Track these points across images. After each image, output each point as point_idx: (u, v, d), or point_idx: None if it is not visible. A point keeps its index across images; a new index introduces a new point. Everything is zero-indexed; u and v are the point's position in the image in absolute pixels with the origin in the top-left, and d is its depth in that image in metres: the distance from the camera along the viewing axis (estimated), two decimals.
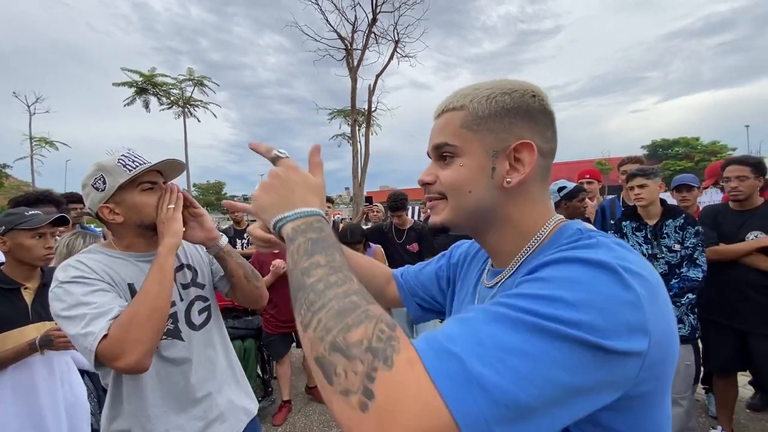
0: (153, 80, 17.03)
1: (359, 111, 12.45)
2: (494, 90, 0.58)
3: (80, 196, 3.45)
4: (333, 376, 0.39)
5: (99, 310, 0.95)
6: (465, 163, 0.58)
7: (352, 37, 8.00)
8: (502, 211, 0.59)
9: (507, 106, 0.57)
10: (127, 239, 1.15)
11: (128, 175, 1.06)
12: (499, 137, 0.57)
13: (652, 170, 2.33)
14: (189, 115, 18.17)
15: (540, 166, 0.58)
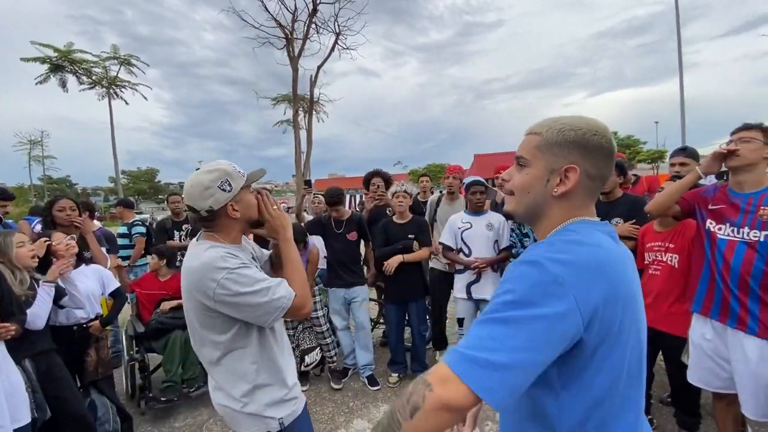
0: (70, 57, 15.36)
1: (301, 96, 12.35)
2: (566, 125, 0.81)
3: (9, 195, 3.26)
4: (404, 414, 0.68)
5: (274, 281, 1.30)
6: (530, 173, 0.84)
7: (293, 26, 7.93)
8: (547, 210, 0.84)
9: (570, 139, 0.80)
10: (234, 233, 1.39)
11: (244, 180, 1.35)
12: (557, 159, 0.81)
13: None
14: (115, 97, 16.66)
15: (585, 185, 0.81)
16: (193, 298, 1.29)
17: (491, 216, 3.15)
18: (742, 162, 1.88)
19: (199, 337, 1.34)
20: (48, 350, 2.14)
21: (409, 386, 0.70)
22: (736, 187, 1.96)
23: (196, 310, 1.30)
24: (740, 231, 1.91)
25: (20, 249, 2.07)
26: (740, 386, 1.90)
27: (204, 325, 1.31)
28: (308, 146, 9.09)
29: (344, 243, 3.45)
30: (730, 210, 1.95)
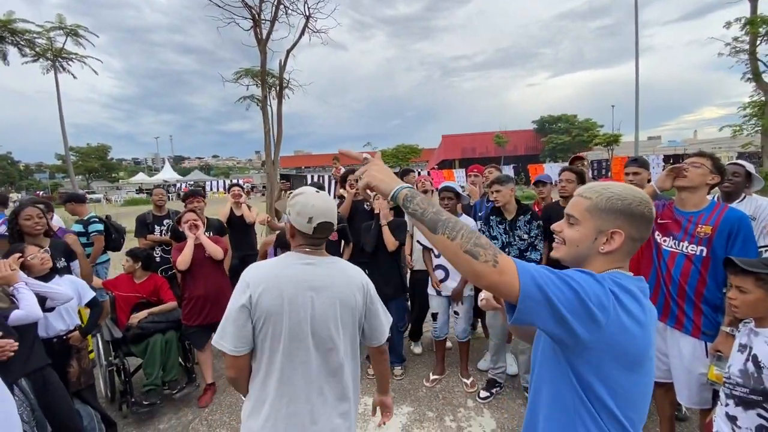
0: (11, 27, 13.77)
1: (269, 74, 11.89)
2: (614, 195, 0.97)
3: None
4: (479, 256, 0.85)
5: None
6: (580, 231, 1.00)
7: (260, 7, 7.60)
8: (591, 261, 1.00)
9: (617, 207, 0.96)
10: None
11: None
12: (605, 223, 0.97)
13: (506, 177, 3.06)
14: (61, 70, 15.28)
15: (627, 246, 0.97)
16: (356, 301, 1.45)
17: (464, 220, 3.32)
18: (689, 183, 2.13)
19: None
20: (43, 366, 2.14)
21: (482, 241, 0.88)
22: (679, 204, 2.22)
23: (356, 318, 1.47)
24: (680, 244, 2.18)
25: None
26: (675, 378, 2.22)
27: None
28: (278, 135, 8.91)
29: (326, 243, 3.53)
30: (674, 225, 2.22)
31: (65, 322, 2.43)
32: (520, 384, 3.27)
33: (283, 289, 1.33)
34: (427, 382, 3.41)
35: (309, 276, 1.37)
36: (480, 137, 41.20)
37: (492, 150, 38.44)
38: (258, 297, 1.31)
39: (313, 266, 1.40)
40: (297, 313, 1.34)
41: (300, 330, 1.34)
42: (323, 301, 1.37)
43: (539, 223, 3.00)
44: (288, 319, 1.32)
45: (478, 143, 40.77)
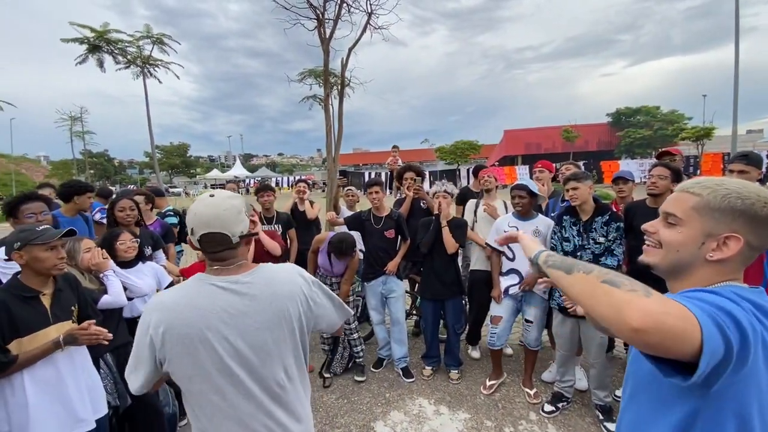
0: (106, 37, 15.74)
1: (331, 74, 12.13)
2: (732, 192, 0.80)
3: (89, 187, 3.45)
4: (621, 285, 0.70)
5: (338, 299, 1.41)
6: (683, 233, 0.84)
7: (324, 7, 7.76)
8: (694, 271, 0.84)
9: (736, 207, 0.78)
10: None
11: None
12: (718, 225, 0.80)
13: (584, 174, 2.74)
14: (149, 75, 17.06)
15: (743, 255, 0.80)
16: (289, 313, 1.22)
17: (540, 221, 3.08)
18: None
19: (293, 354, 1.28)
20: (126, 343, 2.34)
21: (624, 277, 0.73)
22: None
23: (295, 330, 1.25)
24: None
25: (86, 254, 2.24)
26: None
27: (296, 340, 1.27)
28: (339, 133, 9.07)
29: (382, 240, 3.50)
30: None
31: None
32: (590, 401, 2.99)
33: (192, 325, 1.11)
34: (484, 390, 3.24)
35: (222, 305, 1.14)
36: (546, 132, 38.90)
37: (559, 145, 36.11)
38: (161, 340, 1.11)
39: (227, 292, 1.16)
40: (214, 350, 1.12)
41: (223, 367, 1.13)
42: (246, 330, 1.15)
43: (619, 225, 2.68)
44: (207, 357, 1.12)
45: (544, 138, 38.54)
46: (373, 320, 3.66)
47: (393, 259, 3.50)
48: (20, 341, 1.71)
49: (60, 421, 1.77)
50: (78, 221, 3.39)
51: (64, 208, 3.38)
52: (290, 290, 1.24)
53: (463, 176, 17.39)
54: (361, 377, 3.49)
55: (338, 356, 3.57)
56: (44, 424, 1.73)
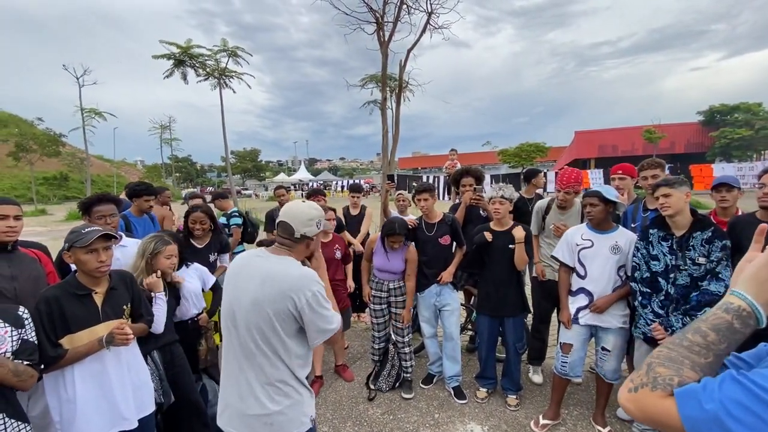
0: (189, 52, 17.34)
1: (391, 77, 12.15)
2: None
3: (151, 190, 3.75)
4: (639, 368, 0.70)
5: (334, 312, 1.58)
6: None
7: (383, 9, 7.72)
8: None
9: None
10: (300, 258, 1.66)
11: (326, 224, 1.69)
12: None
13: (677, 179, 2.27)
14: (225, 86, 18.46)
15: None
16: (282, 301, 1.47)
17: (620, 235, 2.62)
18: None
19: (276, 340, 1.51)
20: (172, 342, 2.39)
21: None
22: None
23: (280, 313, 1.48)
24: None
25: (165, 260, 2.35)
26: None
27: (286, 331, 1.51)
28: (396, 132, 9.01)
29: (436, 247, 3.27)
30: None
31: (196, 306, 2.68)
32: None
33: (236, 275, 1.61)
34: (536, 427, 2.82)
35: (253, 266, 1.58)
36: (623, 132, 35.50)
37: (639, 147, 32.71)
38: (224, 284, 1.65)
39: (260, 259, 1.58)
40: (237, 298, 1.55)
41: (230, 313, 1.57)
42: (251, 290, 1.51)
43: (725, 243, 2.17)
44: (229, 304, 1.59)
45: (621, 139, 35.21)
46: (425, 333, 3.43)
47: (447, 268, 3.26)
48: (71, 337, 1.76)
49: (103, 416, 1.80)
50: (144, 220, 3.61)
51: (132, 208, 3.62)
52: (285, 289, 1.48)
53: None
54: (409, 394, 3.28)
55: (386, 372, 3.38)
56: (89, 418, 1.76)
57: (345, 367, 3.68)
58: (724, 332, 0.67)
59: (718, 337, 0.67)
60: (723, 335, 0.66)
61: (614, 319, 2.59)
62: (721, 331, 0.67)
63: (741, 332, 0.66)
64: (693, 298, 2.18)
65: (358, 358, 4.04)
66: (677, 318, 2.25)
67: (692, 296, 2.18)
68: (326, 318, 1.50)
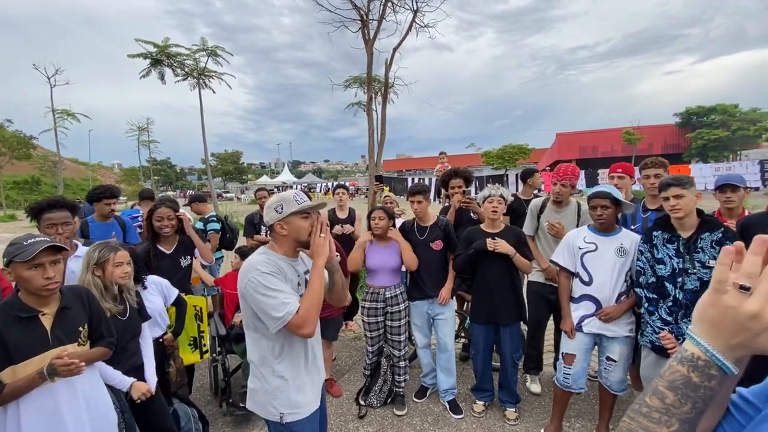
0: (167, 51, 16.71)
1: (375, 79, 11.98)
2: None
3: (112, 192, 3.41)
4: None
5: (288, 296, 1.53)
6: None
7: (368, 7, 7.54)
8: None
9: None
10: (284, 248, 1.67)
11: (296, 207, 1.61)
12: None
13: (689, 179, 2.16)
14: (204, 87, 17.91)
15: None
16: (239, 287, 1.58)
17: (625, 236, 2.48)
18: None
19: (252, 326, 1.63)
20: (139, 365, 2.13)
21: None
22: None
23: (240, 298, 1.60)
24: None
25: (116, 269, 2.05)
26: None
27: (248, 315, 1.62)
28: (382, 133, 8.83)
29: (427, 252, 3.08)
30: None
31: (160, 326, 2.43)
32: None
33: None
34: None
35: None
36: (603, 134, 36.32)
37: (619, 149, 33.52)
38: None
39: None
40: None
41: None
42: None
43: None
44: None
45: (601, 141, 36.01)
46: (417, 343, 3.24)
47: (445, 285, 3.07)
48: (14, 369, 1.50)
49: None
50: (111, 225, 3.31)
51: (95, 214, 3.32)
52: (239, 276, 1.59)
53: (511, 182, 16.53)
54: (402, 411, 3.08)
55: (377, 387, 3.17)
56: None
57: (332, 381, 3.46)
58: (683, 390, 0.51)
59: (677, 397, 0.51)
60: (682, 394, 0.51)
61: (620, 328, 2.45)
62: (679, 390, 0.51)
63: (706, 387, 0.51)
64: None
65: (346, 371, 3.82)
66: (687, 325, 2.13)
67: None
68: (267, 305, 1.49)
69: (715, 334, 0.51)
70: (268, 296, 1.50)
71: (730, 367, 0.50)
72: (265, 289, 1.50)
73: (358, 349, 4.21)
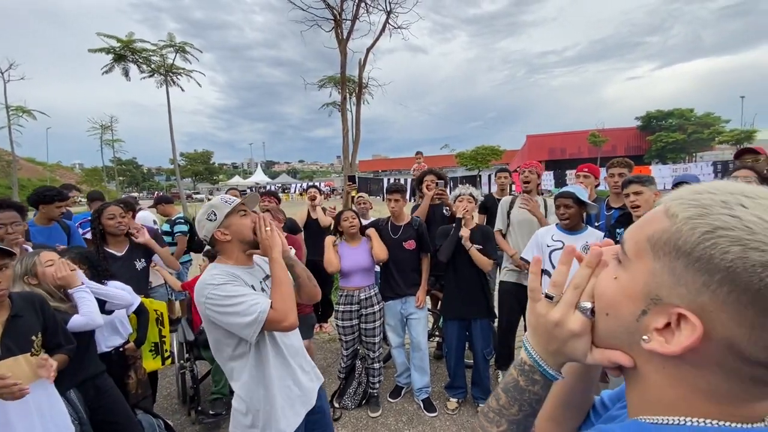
0: (131, 46, 16.02)
1: (350, 79, 11.94)
2: (733, 227, 0.36)
3: (62, 196, 3.18)
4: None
5: (255, 296, 1.42)
6: (622, 280, 0.45)
7: (341, 7, 7.51)
8: (640, 366, 0.45)
9: (725, 262, 0.36)
10: (234, 255, 1.57)
11: (229, 207, 1.53)
12: (677, 286, 0.39)
13: (649, 178, 2.28)
14: (172, 84, 17.28)
15: (720, 361, 0.39)
16: (204, 319, 1.47)
17: (590, 235, 2.58)
18: None
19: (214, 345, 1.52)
20: (95, 375, 2.02)
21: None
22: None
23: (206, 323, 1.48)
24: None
25: (48, 269, 1.93)
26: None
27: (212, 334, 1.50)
28: (356, 133, 8.80)
29: (400, 251, 3.10)
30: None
31: (121, 334, 2.32)
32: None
33: None
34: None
35: None
36: (570, 137, 37.69)
37: (585, 150, 34.86)
38: None
39: None
40: None
41: None
42: None
43: None
44: None
45: (569, 143, 37.33)
46: (391, 342, 3.25)
47: (420, 287, 3.12)
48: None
49: None
50: (54, 229, 3.07)
51: (36, 217, 3.07)
52: (197, 297, 1.45)
53: (484, 182, 16.84)
54: (376, 412, 3.07)
55: (351, 390, 3.15)
56: None
57: None
58: (512, 393, 0.54)
59: (508, 399, 0.55)
60: (511, 397, 0.54)
61: None
62: (509, 392, 0.55)
63: (530, 391, 0.53)
64: None
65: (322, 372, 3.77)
66: None
67: None
68: (234, 314, 1.38)
69: (535, 340, 0.53)
70: (232, 305, 1.37)
71: (552, 372, 0.52)
72: (226, 299, 1.37)
73: (333, 351, 4.17)
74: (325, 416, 1.81)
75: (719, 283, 0.36)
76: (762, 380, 0.39)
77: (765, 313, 0.35)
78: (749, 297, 0.35)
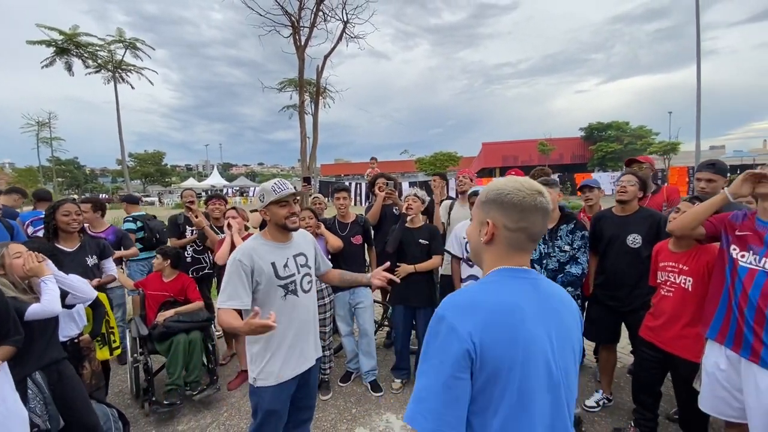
0: (75, 40, 15.18)
1: (310, 83, 12.10)
2: (492, 187, 0.98)
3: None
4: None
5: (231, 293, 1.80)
6: (472, 224, 1.06)
7: (299, 14, 7.72)
8: (483, 256, 1.02)
9: (491, 198, 0.97)
10: (271, 232, 1.98)
11: (274, 196, 1.88)
12: (484, 214, 0.99)
13: (552, 181, 2.75)
14: (121, 81, 16.51)
15: (505, 237, 0.96)
16: None
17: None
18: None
19: None
20: (58, 360, 2.12)
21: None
22: (763, 214, 1.86)
23: None
24: (762, 260, 1.82)
25: (16, 260, 2.03)
26: (750, 419, 1.84)
27: None
28: (314, 138, 9.00)
29: (349, 245, 3.40)
30: (755, 238, 1.86)
31: (77, 324, 2.43)
32: None
33: None
34: None
35: None
36: (522, 145, 39.85)
37: (535, 158, 36.99)
38: None
39: None
40: None
41: None
42: None
43: (584, 233, 2.66)
44: None
45: (521, 151, 39.43)
46: (341, 331, 3.53)
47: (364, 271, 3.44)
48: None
49: None
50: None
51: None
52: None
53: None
54: (326, 395, 3.32)
55: None
56: None
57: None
58: None
59: None
60: None
61: None
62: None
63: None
64: (559, 280, 2.61)
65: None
66: None
67: (558, 278, 2.62)
68: (223, 285, 1.83)
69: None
70: (226, 281, 1.83)
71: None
72: (227, 274, 1.83)
73: None
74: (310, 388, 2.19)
75: (492, 204, 0.97)
76: (517, 243, 0.96)
77: (506, 209, 0.95)
78: (499, 205, 0.96)
